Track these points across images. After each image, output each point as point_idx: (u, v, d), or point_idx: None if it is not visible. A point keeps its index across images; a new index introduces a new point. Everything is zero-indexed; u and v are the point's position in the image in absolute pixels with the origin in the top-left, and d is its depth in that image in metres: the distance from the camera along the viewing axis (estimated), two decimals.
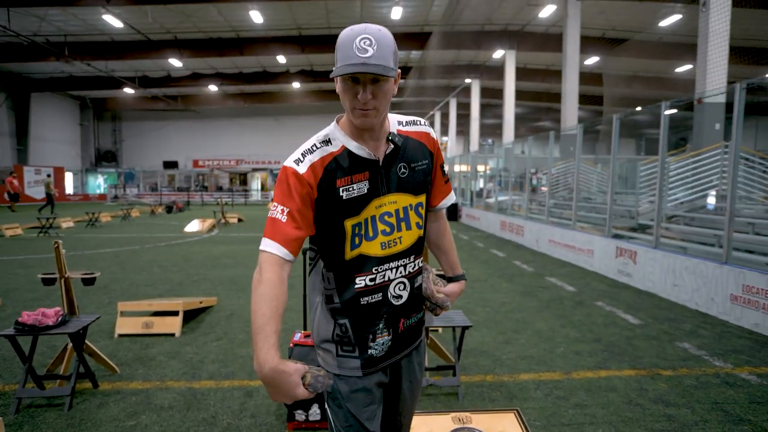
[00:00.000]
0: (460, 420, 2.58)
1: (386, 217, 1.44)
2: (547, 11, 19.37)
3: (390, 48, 1.32)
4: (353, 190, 1.40)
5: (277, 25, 22.33)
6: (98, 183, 40.19)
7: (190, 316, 5.42)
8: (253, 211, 25.22)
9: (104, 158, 39.97)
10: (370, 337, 1.47)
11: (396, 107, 38.58)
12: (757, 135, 31.04)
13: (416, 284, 1.56)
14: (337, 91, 1.39)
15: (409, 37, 23.52)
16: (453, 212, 20.63)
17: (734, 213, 5.42)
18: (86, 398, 3.47)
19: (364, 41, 1.29)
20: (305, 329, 3.52)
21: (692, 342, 4.69)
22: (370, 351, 1.49)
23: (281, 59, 26.61)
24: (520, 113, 29.03)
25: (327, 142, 1.44)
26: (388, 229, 1.45)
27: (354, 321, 1.47)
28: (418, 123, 1.56)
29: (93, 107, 38.00)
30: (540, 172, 19.64)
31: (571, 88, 17.59)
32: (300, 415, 3.04)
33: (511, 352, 4.44)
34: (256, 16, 20.34)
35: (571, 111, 17.61)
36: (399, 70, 1.37)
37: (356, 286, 1.44)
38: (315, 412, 3.03)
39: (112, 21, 20.31)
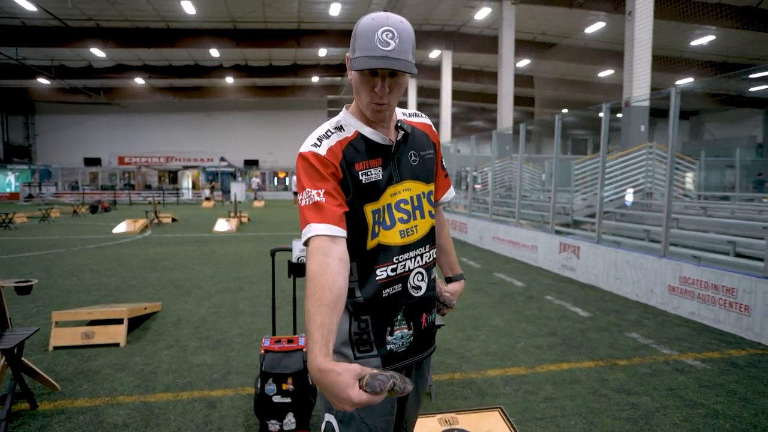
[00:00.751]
0: (446, 421, 2.54)
1: (402, 205, 1.41)
2: (482, 13, 19.90)
3: (411, 41, 1.29)
4: (371, 174, 1.36)
5: (211, 17, 21.46)
6: (8, 181, 36.93)
7: (134, 324, 5.05)
8: (187, 210, 24.13)
9: (15, 154, 36.79)
10: (389, 329, 1.40)
11: (334, 105, 38.37)
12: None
13: (432, 276, 1.51)
14: (350, 78, 1.34)
15: (347, 35, 23.35)
16: None
17: (671, 210, 5.78)
18: (25, 421, 3.12)
19: (387, 33, 1.25)
20: (274, 334, 3.35)
21: (639, 332, 4.95)
22: (389, 346, 1.41)
23: (214, 53, 25.64)
24: (454, 113, 29.62)
25: (340, 128, 1.39)
26: (405, 217, 1.41)
27: (375, 316, 1.39)
28: (420, 115, 1.56)
29: (1, 98, 34.87)
30: (474, 170, 20.18)
31: (506, 89, 18.17)
32: (274, 425, 2.89)
33: (474, 348, 4.48)
34: (188, 7, 19.45)
35: (506, 111, 18.21)
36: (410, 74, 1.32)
37: (378, 277, 1.37)
38: (290, 422, 2.89)
39: (24, 4, 18.61)
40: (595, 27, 20.10)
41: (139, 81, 31.26)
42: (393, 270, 1.39)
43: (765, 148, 28.71)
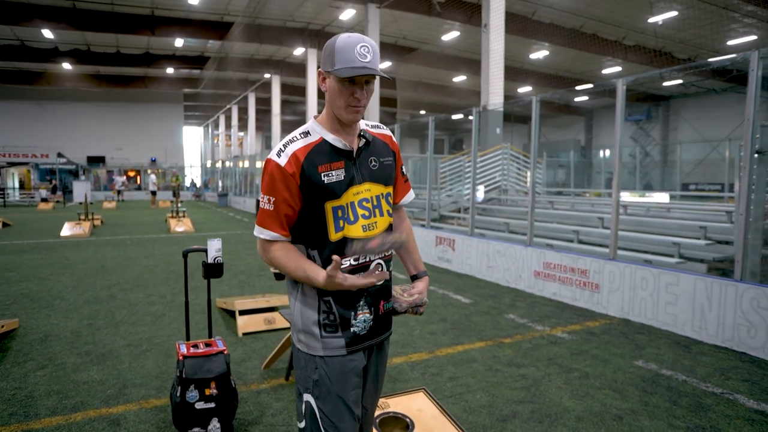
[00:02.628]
0: (379, 406, 2.68)
1: (364, 203, 1.62)
2: (347, 14, 20.28)
3: (378, 56, 1.56)
4: (332, 175, 1.56)
5: None
6: None
7: None
8: (19, 213, 20.88)
9: None
10: (353, 314, 1.60)
11: (191, 99, 36.06)
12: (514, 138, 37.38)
13: (390, 267, 1.72)
14: (324, 89, 1.58)
15: (207, 26, 22.17)
16: None
17: (534, 204, 6.57)
18: None
19: (364, 48, 1.49)
20: (188, 339, 3.19)
21: (515, 313, 5.58)
22: (353, 329, 1.61)
23: (47, 34, 22.51)
24: (319, 111, 29.75)
25: (306, 134, 1.60)
26: (366, 213, 1.62)
27: (338, 298, 1.59)
28: (382, 127, 1.79)
29: None
30: None
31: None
32: None
33: None
34: None
35: (373, 111, 18.83)
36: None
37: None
38: (215, 427, 2.80)
39: None
40: (451, 35, 21.64)
41: None
42: (356, 260, 1.60)
43: (587, 150, 33.47)
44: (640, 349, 4.41)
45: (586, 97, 30.90)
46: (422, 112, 35.19)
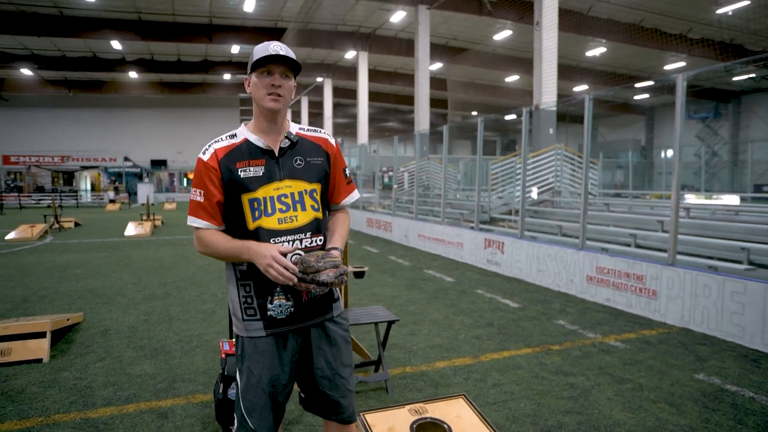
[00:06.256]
0: (417, 411, 2.64)
1: (283, 198, 1.75)
2: (398, 16, 20.31)
3: (292, 54, 1.73)
4: (250, 171, 1.73)
5: (113, 5, 19.96)
6: None
7: (55, 338, 4.64)
8: (89, 213, 22.27)
9: None
10: (269, 298, 1.74)
11: (246, 103, 37.21)
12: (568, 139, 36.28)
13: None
14: (248, 90, 1.77)
15: (261, 32, 22.81)
16: None
17: (587, 206, 6.32)
18: None
19: (277, 46, 1.70)
20: (231, 338, 3.26)
21: (565, 319, 5.38)
22: (269, 312, 1.74)
23: (116, 45, 23.87)
24: (369, 113, 29.99)
25: (233, 136, 1.80)
26: (284, 208, 1.75)
27: (256, 283, 1.74)
28: (319, 131, 1.92)
29: None
30: (393, 171, 20.63)
31: (423, 91, 18.72)
32: None
33: (419, 342, 4.63)
34: None
35: (423, 113, 18.76)
36: (295, 84, 1.81)
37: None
38: None
39: None
40: (503, 34, 21.24)
41: (26, 72, 28.38)
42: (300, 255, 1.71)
43: (647, 150, 31.98)
44: (701, 362, 4.14)
45: (646, 95, 29.53)
46: (474, 113, 34.75)
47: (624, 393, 3.52)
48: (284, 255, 1.66)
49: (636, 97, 30.35)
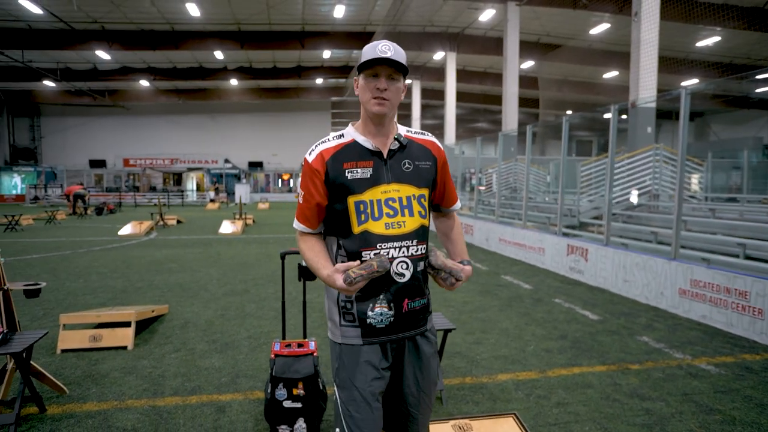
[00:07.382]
0: (460, 428, 2.51)
1: (390, 202, 1.68)
2: (486, 15, 19.84)
3: (403, 55, 1.65)
4: (357, 173, 1.67)
5: (215, 19, 21.49)
6: (14, 183, 37.05)
7: (141, 327, 5.03)
8: (191, 212, 24.13)
9: (21, 156, 36.92)
10: (370, 305, 1.66)
11: (337, 106, 38.35)
12: (674, 138, 33.39)
13: (419, 268, 1.71)
14: (356, 92, 1.71)
15: (351, 37, 23.37)
16: None
17: (681, 213, 5.73)
18: (33, 425, 3.11)
19: (385, 46, 1.63)
20: (284, 338, 3.32)
21: (650, 335, 4.90)
22: (369, 321, 1.67)
23: (219, 55, 25.66)
24: (457, 114, 29.59)
25: (341, 136, 1.76)
26: (392, 212, 1.68)
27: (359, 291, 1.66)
28: (426, 134, 1.85)
29: (6, 100, 35.03)
30: (479, 172, 20.17)
31: (511, 91, 18.12)
32: (284, 431, 2.85)
33: (484, 352, 4.44)
34: (193, 9, 19.47)
35: (511, 113, 18.15)
36: (407, 82, 1.68)
37: (363, 258, 1.64)
38: (301, 427, 2.85)
39: (30, 6, 18.60)
40: (599, 28, 20.01)
41: (144, 83, 31.35)
42: (376, 254, 1.64)
43: None
44: None
45: None
46: (568, 112, 33.09)
47: (710, 425, 3.12)
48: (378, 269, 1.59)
49: (757, 90, 27.23)
